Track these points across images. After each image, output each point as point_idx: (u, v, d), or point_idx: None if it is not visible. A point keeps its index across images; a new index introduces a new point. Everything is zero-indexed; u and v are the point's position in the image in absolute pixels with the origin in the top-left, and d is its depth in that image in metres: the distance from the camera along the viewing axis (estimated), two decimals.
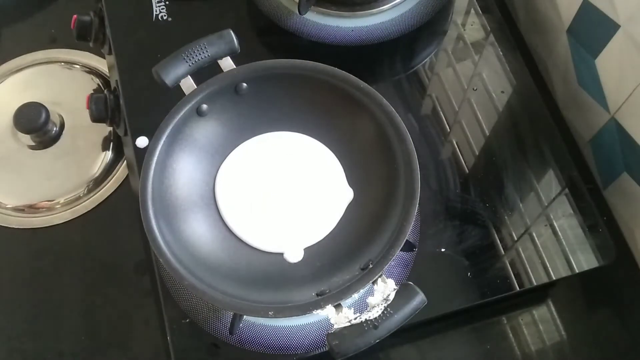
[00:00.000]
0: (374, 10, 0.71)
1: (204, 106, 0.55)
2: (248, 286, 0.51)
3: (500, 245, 0.60)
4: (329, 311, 0.46)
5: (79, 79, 0.79)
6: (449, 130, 0.67)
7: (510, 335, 0.61)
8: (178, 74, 0.53)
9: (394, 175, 0.53)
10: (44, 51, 0.81)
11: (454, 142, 0.66)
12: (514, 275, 0.59)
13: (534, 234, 0.61)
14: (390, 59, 0.71)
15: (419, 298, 0.45)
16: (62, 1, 0.84)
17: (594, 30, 0.64)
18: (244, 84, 0.56)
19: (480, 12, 0.74)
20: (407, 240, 0.56)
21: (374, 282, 0.47)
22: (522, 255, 0.60)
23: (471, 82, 0.70)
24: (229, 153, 0.59)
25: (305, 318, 0.55)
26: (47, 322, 0.65)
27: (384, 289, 0.47)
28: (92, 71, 0.80)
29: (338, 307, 0.47)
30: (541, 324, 0.62)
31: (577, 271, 0.59)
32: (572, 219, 0.62)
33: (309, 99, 0.57)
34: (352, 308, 0.47)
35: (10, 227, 0.70)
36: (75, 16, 0.72)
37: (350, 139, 0.58)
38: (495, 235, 0.61)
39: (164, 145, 0.53)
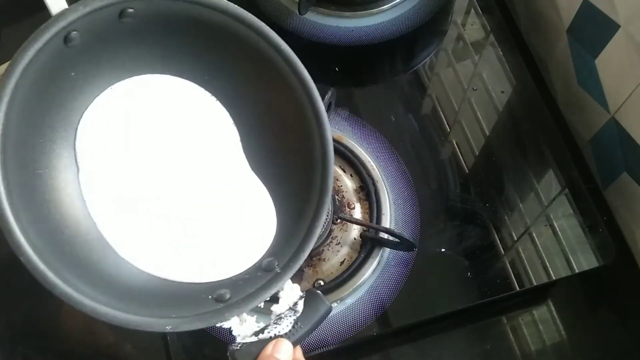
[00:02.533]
0: (374, 10, 0.71)
1: (74, 33, 0.42)
2: (131, 294, 0.43)
3: (500, 245, 0.60)
4: (232, 322, 0.41)
5: None
6: (449, 130, 0.67)
7: (510, 335, 0.61)
8: None
9: (309, 167, 0.45)
10: None
11: (454, 142, 0.66)
12: (513, 275, 0.59)
13: (534, 234, 0.61)
14: (390, 58, 0.71)
15: (326, 307, 0.42)
16: None
17: (594, 30, 0.64)
18: (130, 9, 0.43)
19: (480, 12, 0.74)
20: (407, 239, 0.56)
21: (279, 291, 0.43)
22: (522, 255, 0.60)
23: (471, 82, 0.70)
24: (97, 96, 0.45)
25: None
26: (47, 322, 0.65)
27: (290, 295, 0.43)
28: None
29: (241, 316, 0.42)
30: (541, 324, 0.62)
31: (577, 271, 0.59)
32: (572, 219, 0.62)
33: (216, 50, 0.46)
34: (255, 315, 0.42)
35: None
36: None
37: (262, 113, 0.48)
38: (495, 235, 0.61)
39: (20, 80, 0.41)
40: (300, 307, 0.42)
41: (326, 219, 0.58)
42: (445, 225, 0.61)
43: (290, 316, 0.42)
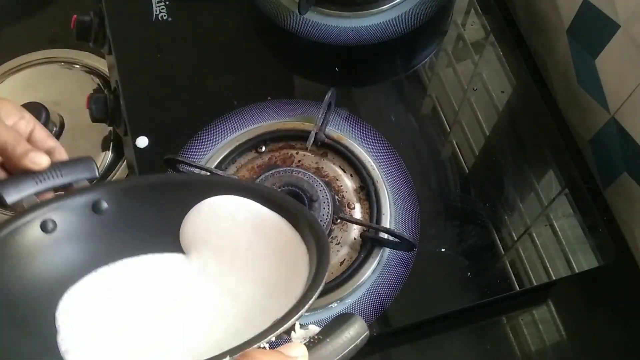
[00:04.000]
0: (374, 10, 0.71)
1: (50, 222, 0.44)
2: None
3: (500, 245, 0.60)
4: None
5: (79, 79, 0.80)
6: (449, 130, 0.67)
7: (510, 335, 0.61)
8: (22, 192, 0.44)
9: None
10: (44, 51, 0.81)
11: (454, 142, 0.66)
12: (514, 275, 0.59)
13: (534, 234, 0.61)
14: (390, 59, 0.71)
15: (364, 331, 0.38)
16: (62, 1, 0.84)
17: (594, 30, 0.64)
18: (104, 203, 0.46)
19: (480, 12, 0.74)
20: (407, 239, 0.56)
21: (291, 331, 0.38)
22: (522, 255, 0.60)
23: (471, 82, 0.70)
24: (78, 281, 0.45)
25: (305, 319, 0.55)
26: None
27: (305, 335, 0.38)
28: (92, 71, 0.80)
29: None
30: (541, 324, 0.62)
31: (577, 271, 0.59)
32: (572, 219, 0.62)
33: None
34: None
35: None
36: (75, 16, 0.72)
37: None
38: (495, 235, 0.61)
39: None
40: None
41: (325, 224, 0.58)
42: (445, 225, 0.61)
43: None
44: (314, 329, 0.38)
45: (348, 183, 0.62)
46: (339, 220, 0.60)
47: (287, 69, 0.73)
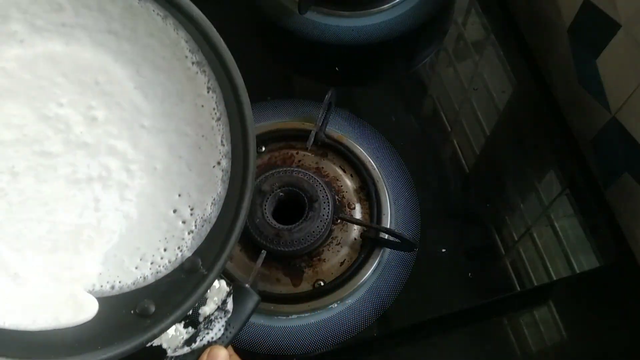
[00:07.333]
0: (374, 10, 0.71)
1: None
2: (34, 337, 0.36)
3: (501, 246, 0.60)
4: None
5: None
6: (449, 130, 0.67)
7: (511, 335, 0.61)
8: None
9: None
10: None
11: (455, 142, 0.66)
12: (514, 275, 0.59)
13: (535, 234, 0.61)
14: (390, 58, 0.71)
15: (255, 301, 0.40)
16: None
17: (595, 29, 0.64)
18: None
19: (480, 11, 0.74)
20: (407, 240, 0.56)
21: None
22: (523, 255, 0.60)
23: (472, 82, 0.70)
24: None
25: (305, 319, 0.55)
26: None
27: (218, 293, 0.39)
28: None
29: None
30: (542, 324, 0.62)
31: (577, 271, 0.59)
32: (573, 219, 0.61)
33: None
34: (182, 322, 0.38)
35: None
36: None
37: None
38: (496, 236, 0.61)
39: None
40: (230, 305, 0.39)
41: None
42: (445, 226, 0.61)
43: (221, 318, 0.39)
44: (224, 287, 0.39)
45: (348, 183, 0.62)
46: (339, 221, 0.60)
47: (287, 69, 0.73)
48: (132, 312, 0.37)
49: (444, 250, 0.59)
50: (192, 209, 0.41)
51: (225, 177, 0.41)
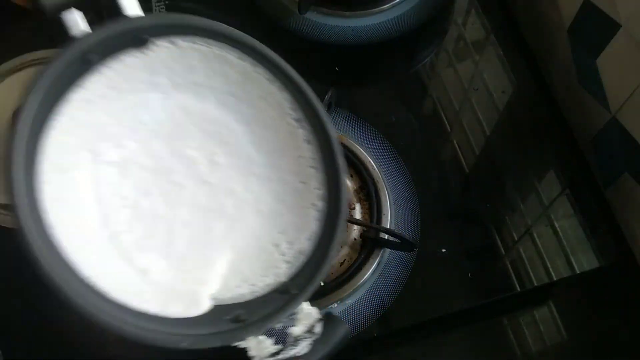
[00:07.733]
0: (374, 10, 0.71)
1: (94, 55, 0.44)
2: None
3: (501, 246, 0.60)
4: (249, 342, 0.41)
5: None
6: (449, 130, 0.67)
7: (511, 335, 0.61)
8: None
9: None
10: (44, 51, 0.81)
11: (455, 142, 0.66)
12: (514, 275, 0.59)
13: (535, 234, 0.61)
14: (390, 59, 0.71)
15: (344, 330, 0.43)
16: None
17: (595, 29, 0.64)
18: (147, 36, 0.45)
19: (480, 11, 0.74)
20: (407, 240, 0.56)
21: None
22: (523, 255, 0.60)
23: (472, 82, 0.70)
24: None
25: None
26: (47, 327, 0.65)
27: (308, 318, 0.43)
28: None
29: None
30: (542, 324, 0.62)
31: (577, 271, 0.59)
32: (573, 219, 0.61)
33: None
34: (272, 338, 0.42)
35: (7, 227, 0.70)
36: None
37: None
38: (496, 236, 0.61)
39: (42, 102, 0.41)
40: (318, 329, 0.42)
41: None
42: (445, 226, 0.61)
43: (308, 338, 0.42)
44: (315, 313, 0.43)
45: (348, 183, 0.62)
46: None
47: None
48: (226, 317, 0.43)
49: (444, 250, 0.59)
50: (290, 243, 0.47)
51: (319, 216, 0.47)
